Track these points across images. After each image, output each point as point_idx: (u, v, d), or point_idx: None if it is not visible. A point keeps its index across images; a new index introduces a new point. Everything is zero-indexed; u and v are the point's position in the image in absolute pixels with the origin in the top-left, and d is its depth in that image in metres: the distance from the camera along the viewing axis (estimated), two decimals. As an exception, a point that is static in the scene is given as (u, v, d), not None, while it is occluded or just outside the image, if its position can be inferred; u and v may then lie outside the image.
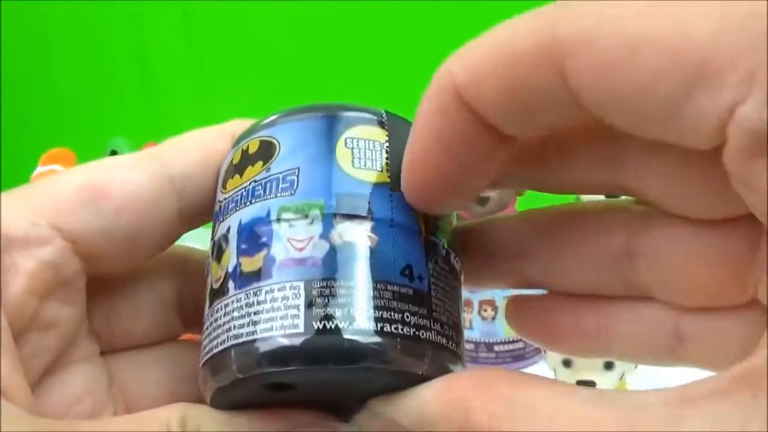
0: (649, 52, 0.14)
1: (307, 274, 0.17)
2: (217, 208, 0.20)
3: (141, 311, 0.23)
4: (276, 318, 0.17)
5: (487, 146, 0.17)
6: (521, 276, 0.22)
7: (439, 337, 0.18)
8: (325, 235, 0.18)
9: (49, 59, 1.23)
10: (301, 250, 0.18)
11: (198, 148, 0.22)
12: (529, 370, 0.63)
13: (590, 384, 0.54)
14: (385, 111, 0.20)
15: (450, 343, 0.18)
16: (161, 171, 0.21)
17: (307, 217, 0.18)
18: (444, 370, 0.18)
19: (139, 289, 0.23)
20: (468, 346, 0.68)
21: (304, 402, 0.19)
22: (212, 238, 0.20)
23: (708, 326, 0.19)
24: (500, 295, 0.66)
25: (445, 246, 0.19)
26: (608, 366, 0.55)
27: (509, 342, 0.68)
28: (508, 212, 0.78)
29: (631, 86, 0.14)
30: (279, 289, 0.17)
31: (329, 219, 0.18)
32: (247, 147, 0.20)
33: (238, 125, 0.22)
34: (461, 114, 0.17)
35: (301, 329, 0.17)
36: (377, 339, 0.17)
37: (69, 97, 1.22)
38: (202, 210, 0.22)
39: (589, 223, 0.20)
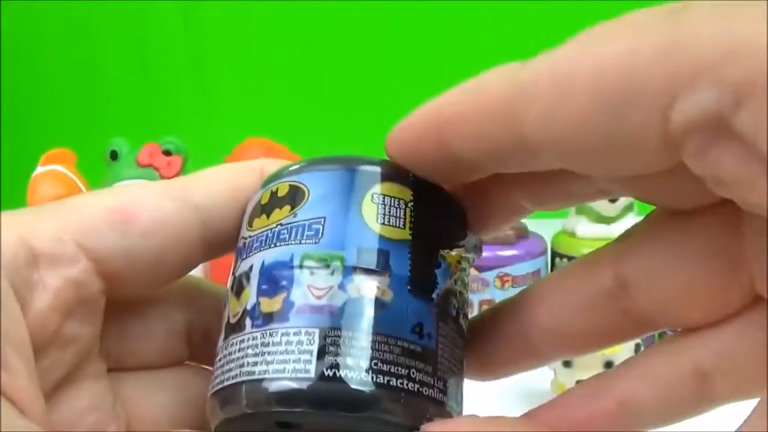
0: (576, 89, 0.15)
1: (322, 321, 0.18)
2: (241, 244, 0.21)
3: (152, 335, 0.23)
4: (289, 360, 0.18)
5: (460, 174, 0.19)
6: (535, 352, 0.22)
7: (440, 395, 0.19)
8: (343, 286, 0.18)
9: (49, 59, 1.23)
10: (319, 297, 0.18)
11: (225, 181, 0.23)
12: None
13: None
14: (413, 173, 0.20)
15: (450, 401, 0.19)
16: (188, 200, 0.22)
17: (328, 266, 0.19)
18: None
19: (151, 313, 0.24)
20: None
21: None
22: (233, 273, 0.21)
23: (727, 348, 0.18)
24: (500, 295, 0.66)
25: (456, 306, 0.20)
26: (608, 365, 0.55)
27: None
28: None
29: (570, 126, 0.15)
30: (294, 333, 0.18)
31: (349, 271, 0.19)
32: (277, 189, 0.21)
33: (267, 163, 0.23)
34: (439, 147, 0.18)
35: (312, 374, 0.18)
36: (382, 392, 0.18)
37: (69, 97, 1.22)
38: (225, 241, 0.22)
39: (579, 270, 0.21)
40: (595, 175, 0.17)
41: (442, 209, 0.21)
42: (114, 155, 0.70)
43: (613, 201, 0.65)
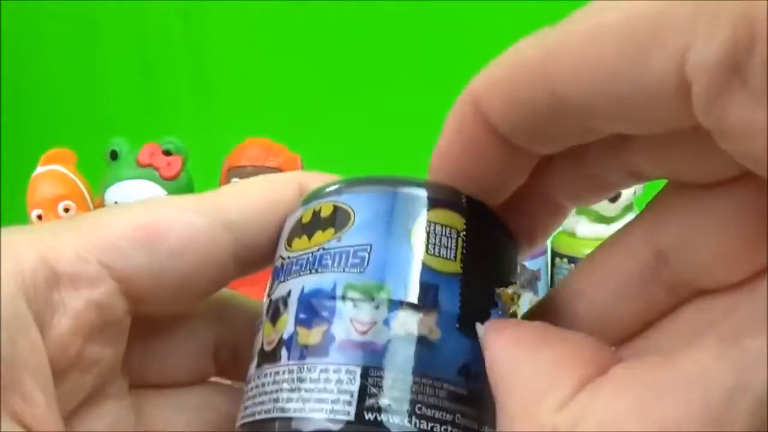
0: (604, 38, 0.15)
1: (365, 360, 0.17)
2: (278, 263, 0.20)
3: (177, 353, 0.23)
4: (327, 400, 0.17)
5: (501, 156, 0.18)
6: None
7: None
8: (388, 322, 0.17)
9: (49, 59, 1.23)
10: (363, 333, 0.17)
11: (259, 195, 0.21)
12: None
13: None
14: (466, 196, 0.19)
15: None
16: (219, 216, 0.21)
17: (373, 300, 0.17)
18: None
19: (178, 330, 0.23)
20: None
21: None
22: (269, 295, 0.20)
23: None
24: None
25: None
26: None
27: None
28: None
29: (597, 73, 0.15)
30: (334, 371, 0.17)
31: (395, 306, 0.17)
32: (320, 209, 0.19)
33: (305, 176, 0.22)
34: (477, 123, 0.17)
35: (352, 417, 0.16)
36: None
37: (69, 97, 1.22)
38: (259, 258, 0.21)
39: (610, 253, 0.20)
40: (622, 129, 0.16)
41: (496, 239, 0.19)
42: (114, 155, 0.70)
43: (613, 201, 0.65)
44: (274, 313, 0.19)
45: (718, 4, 0.13)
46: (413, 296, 0.17)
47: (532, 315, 0.21)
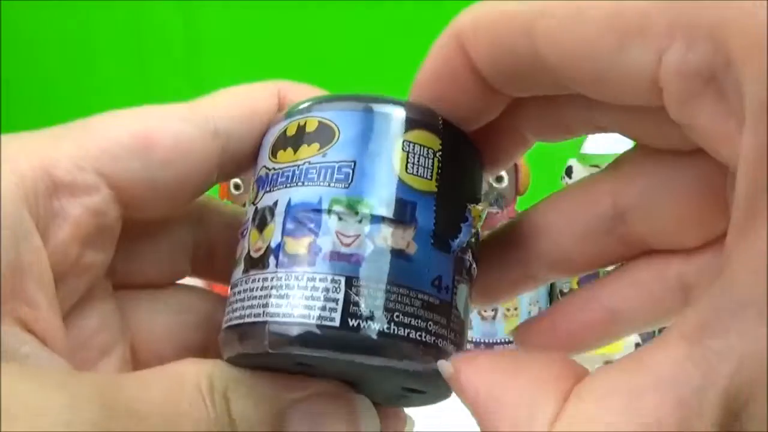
0: (592, 14, 0.16)
1: (348, 270, 0.18)
2: (263, 173, 0.21)
3: (158, 253, 0.24)
4: (314, 307, 0.18)
5: (478, 93, 0.19)
6: (532, 275, 0.22)
7: (452, 346, 0.19)
8: (371, 235, 0.18)
9: (49, 59, 1.23)
10: (347, 245, 0.18)
11: (244, 103, 0.22)
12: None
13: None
14: (442, 118, 0.20)
15: (459, 350, 0.20)
16: (208, 125, 0.21)
17: (356, 214, 0.19)
18: None
19: (159, 233, 0.24)
20: (468, 346, 0.68)
21: (322, 374, 0.20)
22: (254, 203, 0.20)
23: (709, 265, 0.19)
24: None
25: (470, 258, 0.20)
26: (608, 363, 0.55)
27: (509, 342, 0.68)
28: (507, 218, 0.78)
29: (579, 45, 0.16)
30: (321, 279, 0.18)
31: (377, 220, 0.19)
32: (305, 123, 0.20)
33: (286, 85, 0.23)
34: (458, 57, 0.19)
35: (336, 323, 0.18)
36: (401, 342, 0.18)
37: (68, 97, 1.22)
38: (240, 165, 0.22)
39: (577, 199, 0.21)
40: (593, 97, 0.17)
41: (468, 160, 0.21)
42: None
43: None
44: (261, 221, 0.20)
45: (698, 14, 0.14)
46: (393, 212, 0.19)
47: (495, 238, 0.23)
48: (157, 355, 0.23)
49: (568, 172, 0.74)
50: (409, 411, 0.24)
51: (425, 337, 0.18)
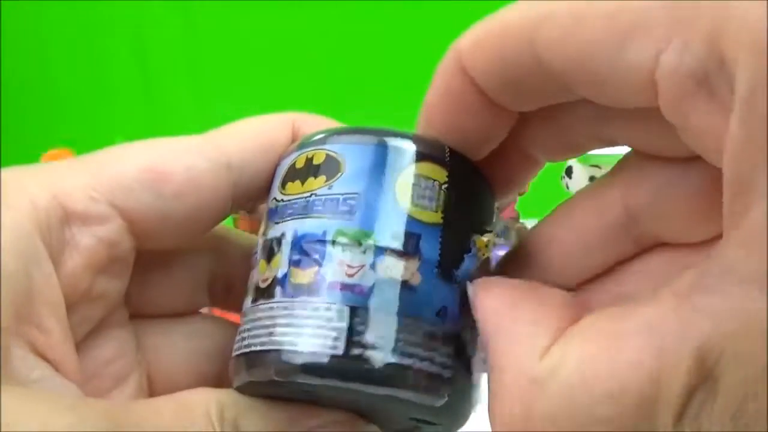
0: (591, 18, 0.16)
1: (353, 300, 0.19)
2: (273, 205, 0.21)
3: (174, 284, 0.24)
4: (319, 335, 0.18)
5: (484, 113, 0.19)
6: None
7: (460, 377, 0.19)
8: (374, 266, 0.19)
9: (49, 59, 1.23)
10: (351, 276, 0.19)
11: (258, 136, 0.23)
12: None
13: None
14: (449, 150, 0.20)
15: (467, 382, 0.20)
16: (221, 159, 0.22)
17: (360, 245, 0.19)
18: (456, 405, 0.19)
19: (176, 263, 0.24)
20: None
21: (331, 404, 0.20)
22: (264, 234, 0.21)
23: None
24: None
25: None
26: None
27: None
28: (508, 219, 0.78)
29: (580, 48, 0.16)
30: (325, 309, 0.19)
31: (380, 252, 0.19)
32: (313, 156, 0.21)
33: (300, 117, 0.23)
34: (461, 79, 0.19)
35: (341, 351, 0.18)
36: (404, 372, 0.18)
37: (69, 97, 1.22)
38: (252, 197, 0.23)
39: (587, 210, 0.21)
40: (596, 100, 0.18)
41: (475, 191, 0.21)
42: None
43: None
44: (269, 252, 0.20)
45: (695, 14, 0.15)
46: (397, 243, 0.19)
47: (508, 260, 0.23)
48: (172, 383, 0.23)
49: (568, 172, 0.74)
50: None
51: (430, 367, 0.19)
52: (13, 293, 0.18)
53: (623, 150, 0.21)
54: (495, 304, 0.19)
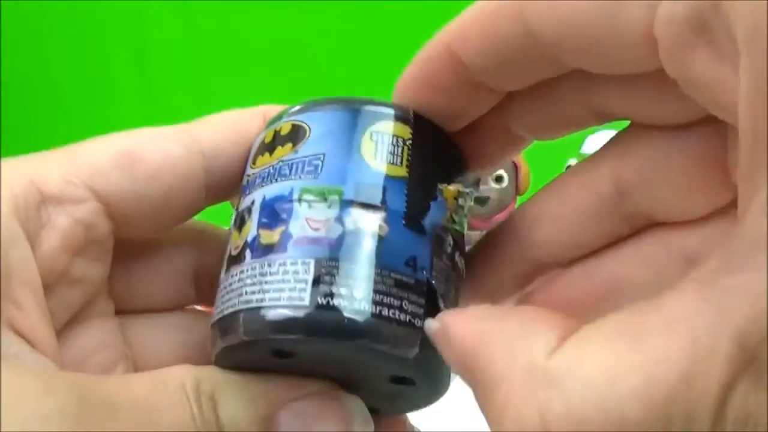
0: None
1: (318, 252, 0.19)
2: (244, 182, 0.22)
3: (159, 278, 0.24)
4: (285, 289, 0.18)
5: (465, 92, 0.19)
6: (530, 263, 0.22)
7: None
8: (340, 219, 0.19)
9: (49, 59, 1.23)
10: (316, 230, 0.19)
11: (231, 126, 0.23)
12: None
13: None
14: (413, 109, 0.21)
15: None
16: (194, 145, 0.22)
17: (326, 200, 0.19)
18: (431, 358, 0.19)
19: (159, 257, 0.24)
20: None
21: (311, 374, 0.20)
22: (237, 209, 0.21)
23: (713, 236, 0.19)
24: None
25: (452, 243, 0.20)
26: None
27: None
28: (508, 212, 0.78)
29: (573, 15, 0.16)
30: (291, 263, 0.19)
31: (346, 205, 0.19)
32: (280, 128, 0.21)
33: (271, 109, 0.23)
34: (446, 60, 0.19)
35: (306, 303, 0.18)
36: (374, 321, 0.18)
37: (69, 97, 1.22)
38: (228, 186, 0.23)
39: (576, 184, 0.21)
40: (591, 69, 0.17)
41: (440, 148, 0.21)
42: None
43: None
44: (240, 222, 0.21)
45: None
46: (363, 196, 0.19)
47: (492, 236, 0.23)
48: None
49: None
50: (420, 415, 0.24)
51: (399, 315, 0.18)
52: None
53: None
54: (473, 323, 0.17)
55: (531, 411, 0.15)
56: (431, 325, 0.18)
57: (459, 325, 0.17)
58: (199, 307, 0.25)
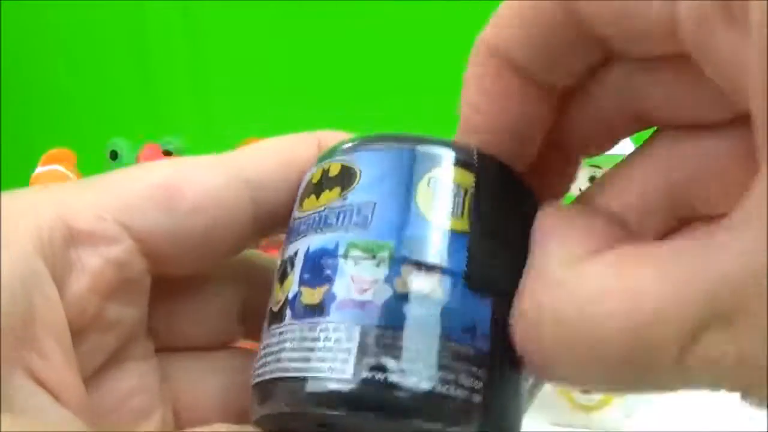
0: None
1: (364, 318, 0.17)
2: (291, 225, 0.20)
3: (203, 316, 0.22)
4: (327, 359, 0.17)
5: (524, 92, 0.18)
6: None
7: (493, 402, 0.17)
8: (389, 280, 0.17)
9: (49, 59, 1.23)
10: (363, 292, 0.17)
11: (278, 153, 0.21)
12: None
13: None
14: (477, 150, 0.19)
15: (502, 409, 0.18)
16: (238, 174, 0.20)
17: (374, 257, 0.17)
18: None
19: (203, 292, 0.22)
20: None
21: None
22: (281, 256, 0.19)
23: None
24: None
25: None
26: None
27: None
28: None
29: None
30: (334, 330, 0.17)
31: (397, 264, 0.17)
32: (329, 168, 0.19)
33: (326, 135, 0.22)
34: (495, 62, 0.18)
35: (349, 376, 0.16)
36: (427, 398, 0.16)
37: (69, 97, 1.22)
38: (278, 218, 0.21)
39: (625, 176, 0.20)
40: (626, 50, 0.17)
41: (507, 195, 0.19)
42: (114, 155, 0.70)
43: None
44: (282, 273, 0.19)
45: None
46: (416, 254, 0.17)
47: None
48: (201, 420, 0.21)
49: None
50: None
51: (456, 391, 0.16)
52: (12, 317, 0.17)
53: (623, 150, 0.21)
54: (549, 214, 0.18)
55: (529, 305, 0.16)
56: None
57: (542, 214, 0.18)
58: (245, 344, 0.23)
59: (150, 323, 0.21)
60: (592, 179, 0.67)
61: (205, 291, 0.22)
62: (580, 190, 0.23)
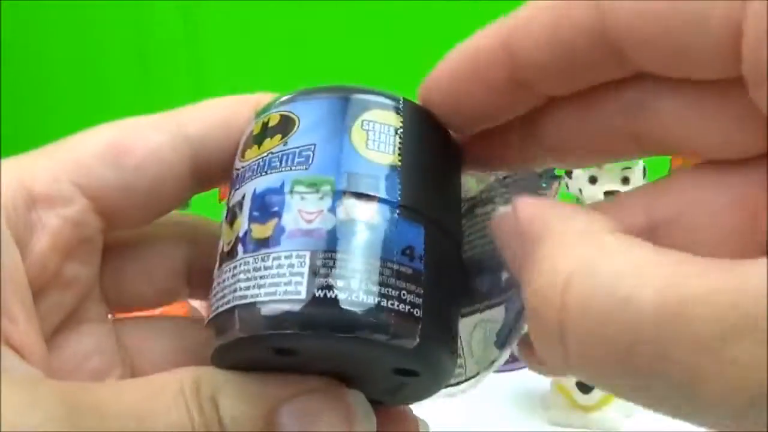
0: None
1: (313, 244, 0.18)
2: (234, 175, 0.21)
3: (150, 275, 0.24)
4: (280, 283, 0.18)
5: (505, 91, 0.19)
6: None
7: (432, 317, 0.19)
8: (333, 209, 0.19)
9: (49, 59, 1.23)
10: (309, 221, 0.18)
11: (218, 113, 0.23)
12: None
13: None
14: (403, 98, 0.21)
15: (440, 323, 0.19)
16: (180, 132, 0.22)
17: (318, 191, 0.19)
18: (432, 348, 0.19)
19: (149, 254, 0.24)
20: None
21: (312, 370, 0.20)
22: (227, 204, 0.21)
23: None
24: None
25: (450, 229, 0.20)
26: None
27: None
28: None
29: (661, 21, 0.15)
30: (285, 257, 0.18)
31: (338, 195, 0.19)
32: (268, 120, 0.21)
33: (261, 97, 0.23)
34: (499, 54, 0.18)
35: (303, 296, 0.18)
36: (373, 312, 0.18)
37: (69, 97, 1.22)
38: (216, 173, 0.22)
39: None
40: (664, 71, 0.16)
41: (432, 136, 0.21)
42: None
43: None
44: (231, 217, 0.20)
45: None
46: (355, 186, 0.19)
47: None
48: None
49: (569, 173, 0.74)
50: (422, 415, 0.23)
51: (398, 305, 0.18)
52: None
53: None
54: (536, 204, 0.17)
55: (565, 265, 0.15)
56: (500, 210, 0.19)
57: (525, 203, 0.17)
58: (194, 305, 0.25)
59: (102, 287, 0.22)
60: (592, 180, 0.67)
61: (152, 251, 0.24)
62: (580, 190, 0.23)
